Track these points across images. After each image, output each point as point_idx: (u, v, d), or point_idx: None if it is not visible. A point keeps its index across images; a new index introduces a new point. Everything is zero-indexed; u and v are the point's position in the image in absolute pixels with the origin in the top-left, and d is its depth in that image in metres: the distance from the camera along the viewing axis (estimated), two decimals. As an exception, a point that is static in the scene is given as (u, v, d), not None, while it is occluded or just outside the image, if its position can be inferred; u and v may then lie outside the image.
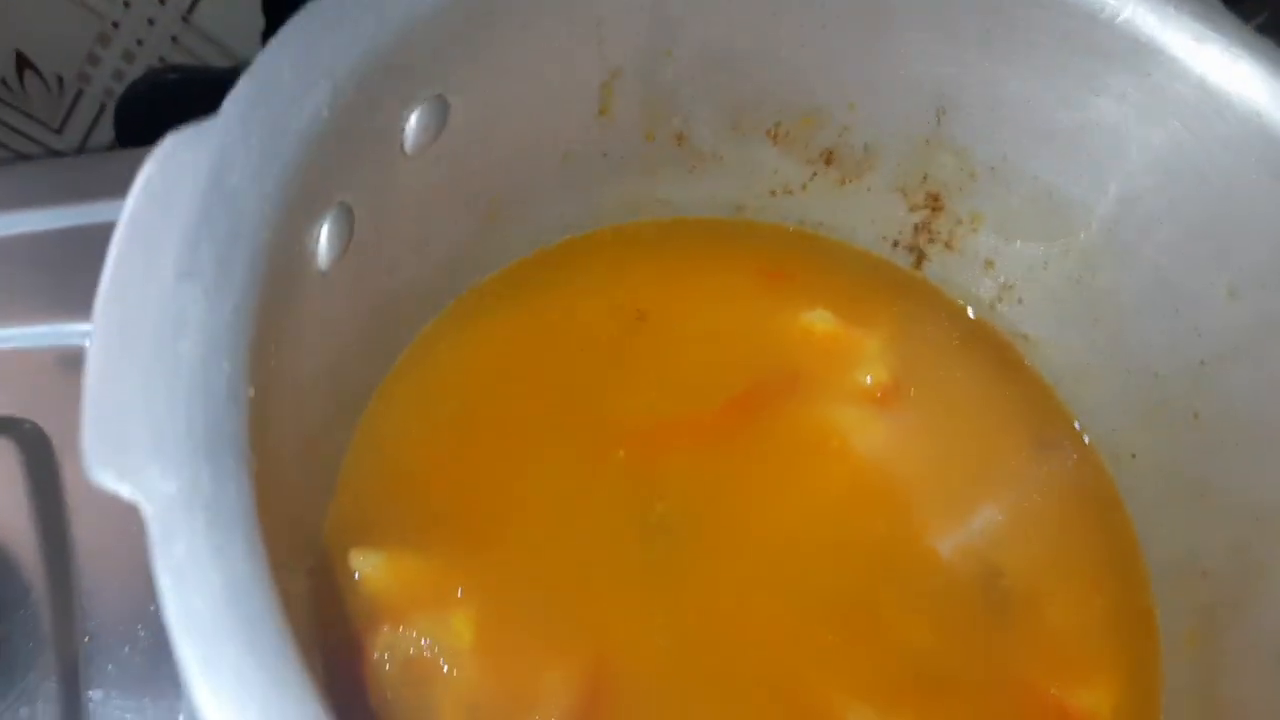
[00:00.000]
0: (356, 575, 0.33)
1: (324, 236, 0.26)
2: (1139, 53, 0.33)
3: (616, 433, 0.38)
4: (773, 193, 0.42)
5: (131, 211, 0.20)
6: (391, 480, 0.35)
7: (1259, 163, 0.33)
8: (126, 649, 0.39)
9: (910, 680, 0.36)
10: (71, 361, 0.44)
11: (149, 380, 0.18)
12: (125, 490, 0.17)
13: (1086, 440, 0.42)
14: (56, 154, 0.63)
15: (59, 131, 0.64)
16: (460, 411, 0.37)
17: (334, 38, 0.24)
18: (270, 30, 0.62)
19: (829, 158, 0.41)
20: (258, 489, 0.20)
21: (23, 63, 0.59)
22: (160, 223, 0.20)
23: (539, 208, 0.38)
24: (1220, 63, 0.33)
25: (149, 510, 0.17)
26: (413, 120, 0.28)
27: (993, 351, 0.43)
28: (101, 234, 0.47)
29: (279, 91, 0.22)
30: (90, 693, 0.38)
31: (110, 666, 0.39)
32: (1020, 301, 0.42)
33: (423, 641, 0.33)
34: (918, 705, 0.36)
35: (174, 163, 0.20)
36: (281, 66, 0.23)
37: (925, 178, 0.40)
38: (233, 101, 0.22)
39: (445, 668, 0.33)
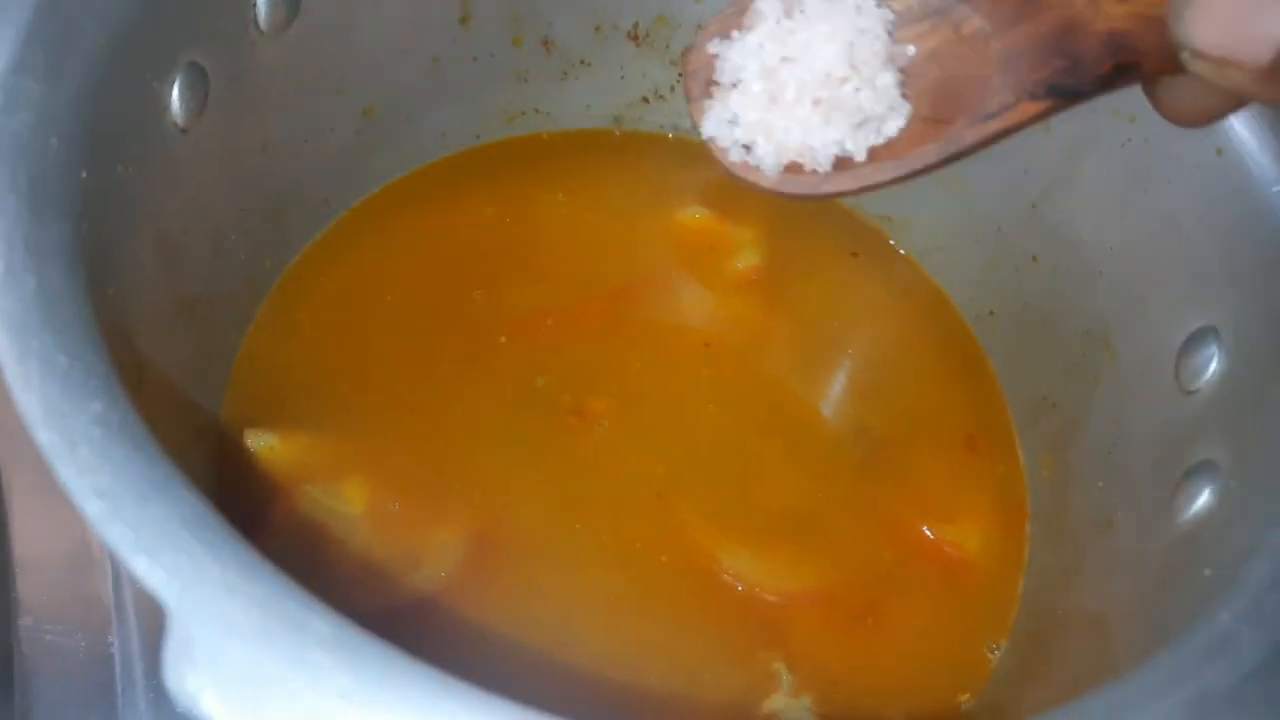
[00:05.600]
0: (252, 452, 0.35)
1: (176, 91, 0.29)
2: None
3: (500, 321, 0.40)
4: (645, 99, 0.45)
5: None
6: (286, 368, 0.38)
7: None
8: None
9: (785, 524, 0.38)
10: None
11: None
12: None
13: (954, 304, 0.44)
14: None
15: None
16: (351, 307, 0.39)
17: None
18: None
19: (690, 59, 0.43)
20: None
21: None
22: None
23: (419, 115, 0.41)
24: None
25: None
26: (264, -5, 0.31)
27: (861, 233, 0.46)
28: None
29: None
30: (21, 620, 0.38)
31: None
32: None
33: (317, 509, 0.35)
34: (793, 545, 0.38)
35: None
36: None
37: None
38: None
39: (339, 533, 0.35)
